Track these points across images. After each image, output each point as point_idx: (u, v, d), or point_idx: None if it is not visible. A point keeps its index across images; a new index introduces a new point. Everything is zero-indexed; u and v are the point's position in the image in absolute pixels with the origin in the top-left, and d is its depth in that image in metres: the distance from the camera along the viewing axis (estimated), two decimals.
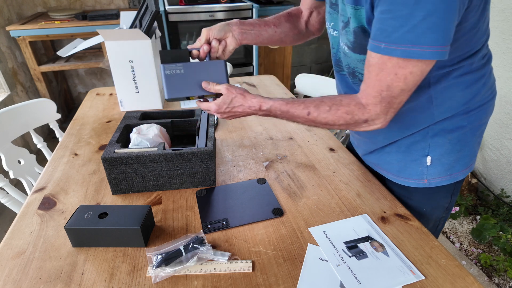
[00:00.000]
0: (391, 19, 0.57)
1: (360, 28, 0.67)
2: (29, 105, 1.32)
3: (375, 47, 0.61)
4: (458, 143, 0.78)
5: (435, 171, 0.80)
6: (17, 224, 0.78)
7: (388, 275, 0.64)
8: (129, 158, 0.81)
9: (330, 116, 0.71)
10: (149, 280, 0.64)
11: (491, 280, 1.61)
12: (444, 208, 0.89)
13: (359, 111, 0.69)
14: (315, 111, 0.72)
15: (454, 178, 0.82)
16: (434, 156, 0.79)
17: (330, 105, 0.72)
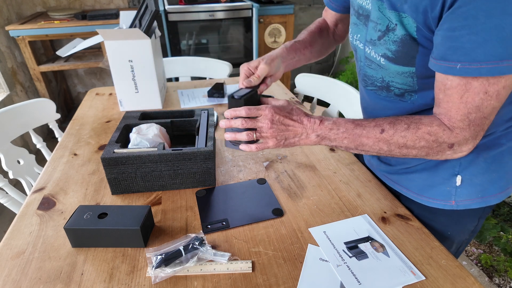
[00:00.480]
0: (470, 35, 0.49)
1: (409, 37, 0.60)
2: (29, 105, 1.32)
3: (449, 69, 0.53)
4: (494, 163, 0.70)
5: (465, 192, 0.73)
6: (17, 224, 0.77)
7: (389, 276, 0.64)
8: (129, 158, 0.81)
9: (410, 135, 0.60)
10: (149, 280, 0.64)
11: (491, 281, 1.61)
12: (470, 231, 0.82)
13: (444, 133, 0.59)
14: (391, 129, 0.62)
15: (486, 201, 0.73)
16: (465, 176, 0.71)
17: (408, 123, 0.61)
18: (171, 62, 1.85)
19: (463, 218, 0.78)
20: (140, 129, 0.92)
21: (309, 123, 0.66)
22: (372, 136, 0.63)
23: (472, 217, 0.78)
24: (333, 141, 0.66)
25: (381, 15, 0.64)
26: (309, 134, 0.66)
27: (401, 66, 0.65)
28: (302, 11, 3.35)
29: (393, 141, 0.62)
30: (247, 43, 2.86)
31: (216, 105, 1.38)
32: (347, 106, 1.42)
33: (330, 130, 0.65)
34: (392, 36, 0.63)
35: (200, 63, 1.89)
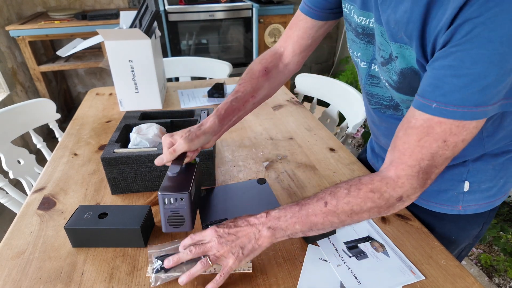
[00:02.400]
0: (452, 77, 0.48)
1: (410, 70, 0.57)
2: (29, 105, 1.32)
3: (422, 106, 0.51)
4: (502, 169, 0.70)
5: (472, 198, 0.72)
6: (17, 224, 0.77)
7: (389, 275, 0.64)
8: (129, 158, 0.81)
9: (353, 199, 0.57)
10: (149, 280, 0.64)
11: (491, 280, 1.61)
12: (474, 236, 0.82)
13: (387, 187, 0.56)
14: (333, 199, 0.58)
15: (490, 205, 0.74)
16: (474, 182, 0.71)
17: (348, 187, 0.58)
18: (171, 62, 1.85)
19: (468, 223, 0.77)
20: (140, 129, 0.92)
21: (256, 219, 0.61)
22: (318, 213, 0.58)
23: (477, 221, 0.78)
24: (286, 230, 0.60)
25: (384, 41, 0.61)
26: (261, 230, 0.60)
27: (405, 95, 0.63)
28: None
29: (340, 211, 0.58)
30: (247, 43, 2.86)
31: (216, 105, 1.38)
32: (347, 106, 1.42)
33: (278, 219, 0.60)
34: (394, 66, 0.61)
35: (200, 63, 1.89)
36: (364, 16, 0.65)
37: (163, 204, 0.64)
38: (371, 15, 0.64)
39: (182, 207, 0.64)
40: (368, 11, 0.64)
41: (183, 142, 0.66)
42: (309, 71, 3.70)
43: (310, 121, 1.25)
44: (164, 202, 0.63)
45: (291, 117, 1.28)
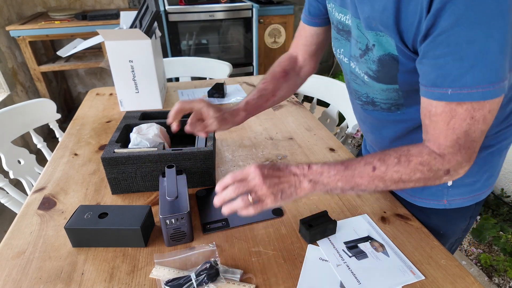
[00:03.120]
0: (455, 61, 0.49)
1: (389, 56, 0.59)
2: (29, 105, 1.32)
3: (440, 95, 0.53)
4: (485, 164, 0.72)
5: (456, 191, 0.74)
6: (17, 224, 0.77)
7: (388, 275, 0.64)
8: (129, 158, 0.81)
9: (403, 168, 0.58)
10: (149, 280, 0.64)
11: (491, 280, 1.61)
12: (462, 230, 0.84)
13: (436, 161, 0.57)
14: (382, 165, 0.59)
15: (476, 198, 0.76)
16: None
17: (398, 156, 0.59)
18: (171, 62, 1.85)
19: (455, 216, 0.79)
20: (140, 129, 0.92)
21: (299, 170, 0.62)
22: (365, 176, 0.60)
23: (464, 215, 0.80)
24: (327, 185, 0.61)
25: (360, 33, 0.64)
26: (302, 181, 0.61)
27: (384, 84, 0.64)
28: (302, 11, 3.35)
29: (388, 178, 0.59)
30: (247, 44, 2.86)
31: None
32: (347, 106, 1.42)
33: (321, 174, 0.61)
34: (372, 55, 0.62)
35: (200, 63, 1.89)
36: (342, 13, 0.69)
37: (165, 225, 0.68)
38: (348, 12, 0.67)
39: (183, 224, 0.70)
40: (345, 8, 0.67)
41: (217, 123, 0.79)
42: None
43: (310, 121, 1.25)
44: (166, 224, 0.68)
45: (291, 117, 1.28)
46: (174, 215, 0.68)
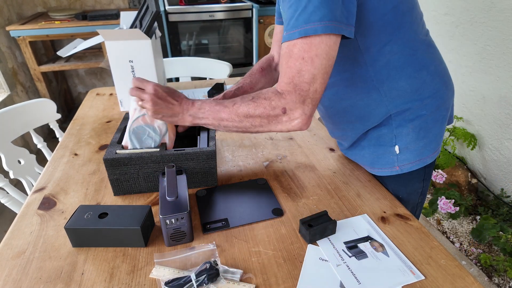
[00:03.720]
0: (289, 9, 0.65)
1: None
2: (29, 105, 1.32)
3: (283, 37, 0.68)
4: (421, 131, 0.82)
5: (405, 157, 0.85)
6: (17, 224, 0.78)
7: (388, 275, 0.64)
8: (131, 159, 0.81)
9: (252, 103, 0.72)
10: (149, 280, 0.64)
11: (491, 280, 1.61)
12: (419, 194, 0.94)
13: (275, 97, 0.70)
14: (240, 101, 0.74)
15: (423, 162, 0.86)
16: (402, 145, 0.84)
17: (254, 95, 0.74)
18: (171, 62, 1.85)
19: (409, 181, 0.89)
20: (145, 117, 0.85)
21: (186, 104, 0.79)
22: (227, 111, 0.74)
23: (416, 178, 0.90)
24: (202, 120, 0.78)
25: None
26: (184, 114, 0.79)
27: None
28: None
29: (240, 111, 0.73)
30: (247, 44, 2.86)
31: None
32: None
33: (199, 110, 0.77)
34: None
35: (200, 63, 1.89)
36: None
37: (165, 225, 0.69)
38: None
39: (183, 224, 0.70)
40: None
41: None
42: None
43: None
44: (166, 223, 0.69)
45: None
46: (174, 215, 0.68)
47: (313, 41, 0.63)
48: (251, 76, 1.00)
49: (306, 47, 0.64)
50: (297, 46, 0.65)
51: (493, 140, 1.93)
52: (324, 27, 0.62)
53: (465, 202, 1.94)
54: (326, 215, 0.74)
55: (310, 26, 0.62)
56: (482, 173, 2.06)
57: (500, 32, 1.76)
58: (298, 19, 0.63)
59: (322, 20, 0.62)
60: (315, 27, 0.62)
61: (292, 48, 0.66)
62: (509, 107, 1.80)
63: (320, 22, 0.62)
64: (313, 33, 0.63)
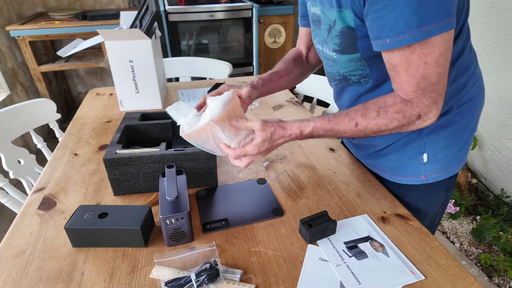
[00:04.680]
0: (389, 13, 0.58)
1: (347, 28, 0.69)
2: (29, 105, 1.32)
3: (381, 46, 0.63)
4: (453, 139, 0.79)
5: (432, 167, 0.81)
6: (17, 224, 0.77)
7: (388, 275, 0.64)
8: (131, 159, 0.81)
9: (381, 120, 0.67)
10: (149, 280, 0.64)
11: (491, 280, 1.61)
12: (440, 204, 0.90)
13: (407, 107, 0.66)
14: (364, 120, 0.68)
15: (450, 172, 0.83)
16: (431, 153, 0.80)
17: (377, 110, 0.68)
18: (171, 62, 1.85)
19: (433, 190, 0.86)
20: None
21: (293, 136, 0.72)
22: (348, 130, 0.70)
23: (440, 189, 0.86)
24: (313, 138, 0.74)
25: (325, 16, 0.74)
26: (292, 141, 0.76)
27: (348, 55, 0.74)
28: None
29: (368, 130, 0.69)
30: (247, 44, 2.86)
31: None
32: None
33: (311, 135, 0.72)
34: (334, 31, 0.72)
35: (200, 63, 1.89)
36: (314, 6, 0.79)
37: (165, 225, 0.69)
38: (316, 4, 0.77)
39: (183, 224, 0.70)
40: (315, 1, 0.77)
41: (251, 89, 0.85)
42: None
43: None
44: (166, 223, 0.68)
45: (291, 117, 1.28)
46: (174, 215, 0.68)
47: (434, 42, 0.58)
48: (284, 64, 0.97)
49: (427, 51, 0.59)
50: (416, 52, 0.60)
51: (493, 140, 1.93)
52: (444, 25, 0.57)
53: (465, 202, 1.94)
54: (326, 215, 0.74)
55: (428, 29, 0.57)
56: (482, 173, 2.06)
57: (500, 32, 1.76)
58: (409, 23, 0.57)
59: (440, 19, 0.57)
60: (433, 29, 0.57)
61: (409, 56, 0.61)
62: (509, 107, 1.80)
63: (439, 22, 0.57)
64: (432, 35, 0.58)
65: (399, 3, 0.57)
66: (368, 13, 0.62)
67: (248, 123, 0.71)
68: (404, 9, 0.57)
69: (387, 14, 0.59)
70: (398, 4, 0.57)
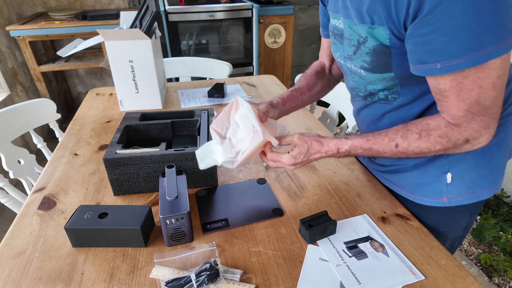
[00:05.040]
0: (440, 37, 0.53)
1: (381, 46, 0.64)
2: (29, 105, 1.32)
3: (427, 71, 0.58)
4: (483, 159, 0.72)
5: (456, 189, 0.74)
6: (17, 224, 0.77)
7: (388, 275, 0.64)
8: (131, 159, 0.81)
9: (423, 143, 0.64)
10: (149, 280, 0.64)
11: (491, 280, 1.61)
12: (463, 228, 0.83)
13: (453, 132, 0.61)
14: (404, 142, 0.65)
15: (477, 196, 0.75)
16: (455, 173, 0.73)
17: (419, 132, 0.64)
18: (171, 62, 1.85)
19: (455, 214, 0.79)
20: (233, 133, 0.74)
21: (327, 154, 0.72)
22: (388, 151, 0.68)
23: (464, 213, 0.80)
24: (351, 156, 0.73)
25: (351, 31, 0.69)
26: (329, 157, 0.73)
27: (380, 74, 0.69)
28: (302, 11, 3.35)
29: (409, 152, 0.66)
30: (247, 44, 2.86)
31: (216, 105, 1.38)
32: (347, 106, 1.42)
33: (348, 153, 0.71)
34: (364, 49, 0.68)
35: (200, 63, 1.89)
36: (336, 19, 0.75)
37: (165, 225, 0.69)
38: (339, 17, 0.73)
39: (183, 224, 0.70)
40: (338, 13, 0.74)
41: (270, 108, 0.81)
42: None
43: (310, 121, 1.25)
44: (166, 223, 0.68)
45: (291, 117, 1.28)
46: (174, 215, 0.68)
47: (492, 65, 0.53)
48: (306, 79, 0.95)
49: (483, 75, 0.54)
50: (470, 76, 0.55)
51: None
52: (505, 47, 0.52)
53: None
54: (326, 215, 0.74)
55: (486, 52, 0.52)
56: None
57: None
58: (463, 48, 0.52)
59: (499, 40, 0.52)
60: (492, 52, 0.52)
61: (461, 81, 0.55)
62: None
63: (499, 44, 0.52)
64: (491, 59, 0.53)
65: (451, 26, 0.52)
66: (412, 36, 0.57)
67: (287, 138, 0.74)
68: (458, 33, 0.52)
69: (437, 39, 0.54)
70: (450, 28, 0.52)
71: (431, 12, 0.52)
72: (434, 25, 0.53)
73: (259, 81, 1.65)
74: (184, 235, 0.71)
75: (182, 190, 0.75)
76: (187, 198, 0.73)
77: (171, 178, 0.76)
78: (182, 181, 0.78)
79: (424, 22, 0.54)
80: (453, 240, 0.85)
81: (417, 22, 0.55)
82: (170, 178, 0.76)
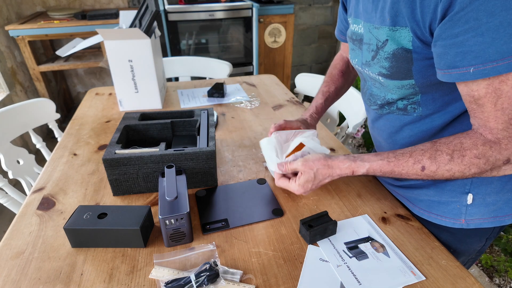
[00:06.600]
0: (475, 37, 0.47)
1: (402, 50, 0.59)
2: (28, 105, 1.32)
3: (459, 76, 0.52)
4: (510, 182, 0.66)
5: (476, 211, 0.69)
6: (16, 225, 0.77)
7: (389, 276, 0.64)
8: (131, 159, 0.80)
9: (456, 166, 0.56)
10: (149, 280, 0.64)
11: (492, 281, 1.61)
12: (476, 251, 0.78)
13: (493, 151, 0.54)
14: (432, 164, 0.58)
15: (499, 221, 0.69)
16: (478, 195, 0.67)
17: (451, 153, 0.57)
18: (171, 62, 1.85)
19: (470, 237, 0.74)
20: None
21: (340, 177, 0.70)
22: (412, 174, 0.61)
23: (480, 237, 0.74)
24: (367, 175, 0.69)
25: (371, 35, 0.65)
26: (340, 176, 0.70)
27: (398, 81, 0.64)
28: (302, 11, 3.35)
29: (438, 175, 0.59)
30: (247, 43, 2.86)
31: (216, 105, 1.37)
32: (347, 106, 1.42)
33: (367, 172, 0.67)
34: (383, 53, 0.63)
35: (200, 63, 1.89)
36: (356, 23, 0.72)
37: (165, 225, 0.68)
38: (360, 21, 0.70)
39: (183, 225, 0.70)
40: (358, 18, 0.71)
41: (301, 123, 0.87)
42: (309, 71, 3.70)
43: None
44: (166, 224, 0.68)
45: (291, 117, 1.28)
46: (173, 215, 0.68)
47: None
48: (334, 82, 0.95)
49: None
50: (509, 81, 0.48)
51: None
52: None
53: None
54: (326, 216, 0.74)
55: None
56: None
57: None
58: (502, 49, 0.46)
59: None
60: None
61: (498, 86, 0.49)
62: None
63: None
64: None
65: (489, 25, 0.46)
66: (441, 37, 0.52)
67: (292, 165, 0.72)
68: (497, 33, 0.46)
69: (471, 39, 0.48)
70: (488, 27, 0.46)
71: (465, 8, 0.47)
72: (467, 23, 0.47)
73: (259, 81, 1.64)
74: (183, 235, 0.71)
75: (182, 190, 0.74)
76: (187, 198, 0.73)
77: (171, 178, 0.76)
78: (182, 181, 0.78)
79: (455, 21, 0.48)
80: (464, 262, 0.81)
81: (448, 21, 0.49)
82: (169, 178, 0.76)
